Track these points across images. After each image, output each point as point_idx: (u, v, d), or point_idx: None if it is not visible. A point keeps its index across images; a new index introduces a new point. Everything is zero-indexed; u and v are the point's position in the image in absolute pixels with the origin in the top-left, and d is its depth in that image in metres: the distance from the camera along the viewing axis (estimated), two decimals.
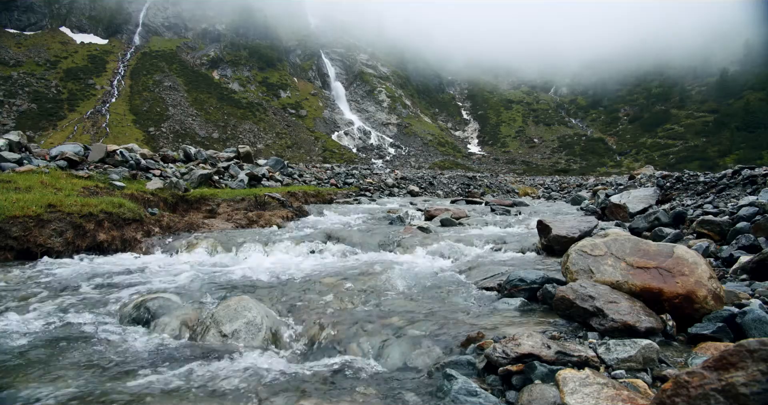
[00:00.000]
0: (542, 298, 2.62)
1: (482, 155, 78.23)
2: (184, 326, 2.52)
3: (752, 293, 2.45)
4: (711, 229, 4.02)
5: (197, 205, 6.96)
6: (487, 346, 1.89)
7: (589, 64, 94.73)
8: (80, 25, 77.80)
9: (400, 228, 5.83)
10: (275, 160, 14.12)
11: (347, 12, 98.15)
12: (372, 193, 14.48)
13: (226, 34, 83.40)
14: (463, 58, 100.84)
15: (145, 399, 1.72)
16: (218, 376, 1.94)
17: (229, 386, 1.85)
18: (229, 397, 1.76)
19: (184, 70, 74.83)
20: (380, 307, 2.76)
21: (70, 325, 2.53)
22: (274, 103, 75.93)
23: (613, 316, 2.01)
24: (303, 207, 8.15)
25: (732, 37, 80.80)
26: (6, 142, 7.08)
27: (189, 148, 11.41)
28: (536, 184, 27.83)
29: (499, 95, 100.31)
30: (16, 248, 4.00)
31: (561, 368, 1.64)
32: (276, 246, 4.82)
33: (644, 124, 78.28)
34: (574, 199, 13.11)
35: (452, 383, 1.65)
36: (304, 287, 3.17)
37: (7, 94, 56.87)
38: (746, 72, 74.24)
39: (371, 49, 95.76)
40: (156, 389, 1.81)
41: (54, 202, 4.49)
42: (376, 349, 2.18)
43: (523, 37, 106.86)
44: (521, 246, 4.61)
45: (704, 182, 7.00)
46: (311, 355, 2.28)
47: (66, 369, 1.98)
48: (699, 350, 1.87)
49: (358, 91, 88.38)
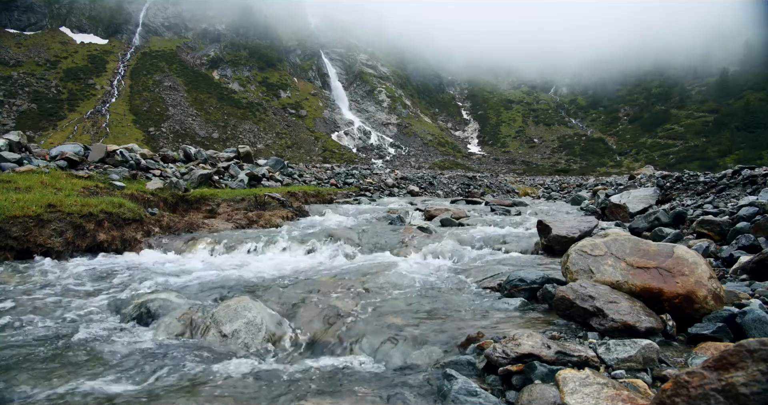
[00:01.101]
0: (542, 298, 2.62)
1: (482, 155, 78.22)
2: (184, 326, 2.52)
3: (752, 293, 2.45)
4: (711, 229, 4.02)
5: (197, 205, 6.96)
6: (487, 346, 1.89)
7: (589, 64, 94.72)
8: (80, 25, 77.77)
9: (400, 228, 5.83)
10: (275, 160, 14.12)
11: (347, 12, 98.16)
12: (372, 193, 14.48)
13: (226, 34, 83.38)
14: (463, 58, 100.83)
15: (145, 399, 1.72)
16: (218, 376, 1.94)
17: (229, 386, 1.85)
18: (230, 397, 1.76)
19: (184, 70, 74.82)
20: (380, 307, 2.76)
21: (70, 325, 2.53)
22: (274, 103, 75.92)
23: (613, 316, 2.01)
24: (303, 207, 8.15)
25: (732, 37, 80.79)
26: (6, 142, 7.08)
27: (189, 148, 11.41)
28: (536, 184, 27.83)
29: (499, 95, 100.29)
30: (16, 248, 4.00)
31: (561, 368, 1.64)
32: (276, 246, 4.82)
33: (644, 124, 78.28)
34: (574, 199, 13.11)
35: (452, 383, 1.65)
36: (304, 287, 3.17)
37: (7, 94, 56.86)
38: (746, 72, 74.23)
39: (371, 49, 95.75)
40: (156, 389, 1.81)
41: (54, 202, 4.49)
42: (376, 349, 2.18)
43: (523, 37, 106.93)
44: (521, 246, 4.61)
45: (704, 182, 7.00)
46: (311, 355, 2.28)
47: (65, 369, 1.98)
48: (699, 350, 1.87)
49: (358, 91, 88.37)
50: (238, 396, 1.77)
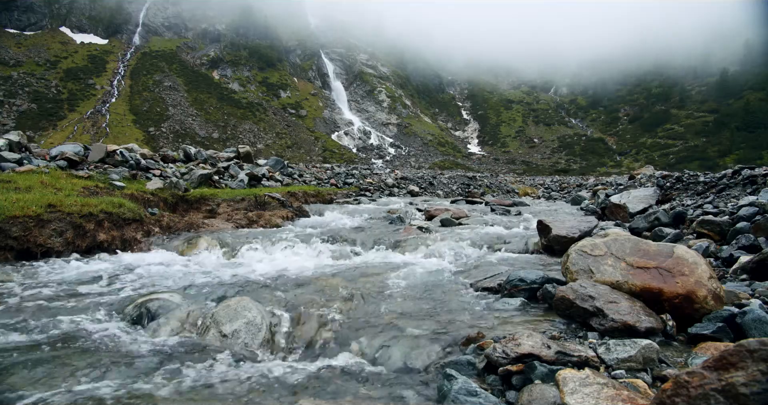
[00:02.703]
0: (542, 298, 2.62)
1: (482, 155, 78.21)
2: (184, 326, 2.53)
3: (752, 293, 2.45)
4: (711, 229, 4.02)
5: (197, 205, 6.96)
6: (487, 346, 1.89)
7: (589, 64, 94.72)
8: (80, 25, 77.76)
9: (401, 228, 5.83)
10: (275, 160, 14.12)
11: (347, 12, 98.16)
12: (372, 193, 14.47)
13: (226, 34, 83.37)
14: (463, 58, 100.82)
15: (145, 399, 1.72)
16: (218, 376, 1.94)
17: (229, 386, 1.85)
18: (230, 397, 1.76)
19: (184, 70, 74.82)
20: (380, 307, 2.76)
21: (70, 325, 2.53)
22: (274, 103, 75.91)
23: (613, 316, 2.01)
24: (303, 207, 8.15)
25: (732, 37, 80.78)
26: (6, 142, 7.08)
27: (189, 148, 11.41)
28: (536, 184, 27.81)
29: (499, 95, 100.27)
30: (16, 248, 4.00)
31: (561, 368, 1.64)
32: (276, 246, 4.82)
33: (644, 124, 78.27)
34: (574, 199, 13.11)
35: (452, 383, 1.65)
36: (304, 287, 3.17)
37: (7, 94, 56.85)
38: (746, 72, 74.23)
39: (371, 49, 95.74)
40: (156, 389, 1.81)
41: (54, 202, 4.49)
42: (377, 349, 2.18)
43: (523, 37, 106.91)
44: (521, 246, 4.61)
45: (704, 182, 7.00)
46: (311, 355, 2.28)
47: (64, 369, 1.97)
48: (699, 350, 1.87)
49: (358, 91, 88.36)
50: (238, 396, 1.77)
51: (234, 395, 1.77)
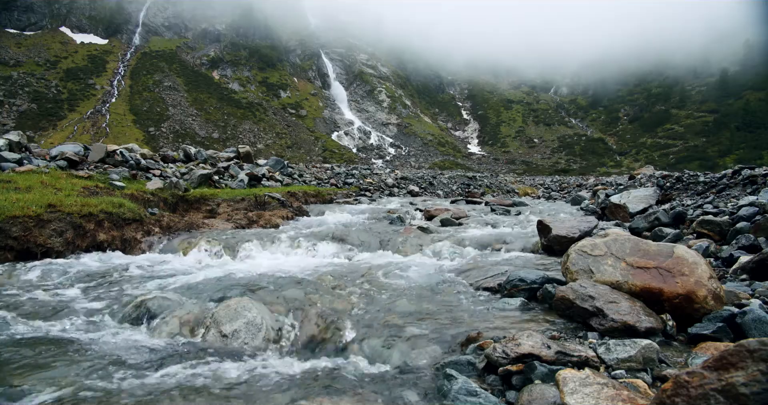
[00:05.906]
0: (542, 298, 2.62)
1: (482, 155, 78.18)
2: (184, 326, 2.52)
3: (752, 293, 2.45)
4: (711, 229, 4.02)
5: (197, 205, 6.96)
6: (487, 346, 1.89)
7: (589, 64, 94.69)
8: (80, 25, 77.73)
9: (401, 228, 5.83)
10: (275, 160, 14.12)
11: (347, 12, 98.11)
12: (372, 193, 14.47)
13: (226, 34, 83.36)
14: (463, 58, 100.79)
15: (145, 399, 1.72)
16: (218, 376, 1.94)
17: (229, 386, 1.85)
18: (230, 397, 1.76)
19: (184, 70, 74.80)
20: (380, 307, 2.76)
21: (70, 325, 2.53)
22: (274, 103, 75.89)
23: (613, 316, 2.01)
24: (303, 207, 8.15)
25: (732, 37, 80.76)
26: (6, 142, 7.08)
27: (189, 148, 11.41)
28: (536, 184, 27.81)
29: (499, 95, 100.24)
30: (16, 248, 4.00)
31: (561, 368, 1.64)
32: (276, 246, 4.82)
33: (644, 124, 78.27)
34: (574, 199, 13.10)
35: (452, 383, 1.65)
36: (304, 287, 3.17)
37: (7, 94, 56.84)
38: (746, 72, 74.21)
39: (371, 49, 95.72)
40: (156, 389, 1.81)
41: (54, 202, 4.49)
42: (376, 349, 2.18)
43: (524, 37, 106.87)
44: (521, 246, 4.61)
45: (704, 182, 7.01)
46: (311, 354, 2.28)
47: (64, 369, 1.97)
48: (699, 350, 1.87)
49: (358, 91, 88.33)
50: (238, 396, 1.77)
51: (234, 395, 1.77)
